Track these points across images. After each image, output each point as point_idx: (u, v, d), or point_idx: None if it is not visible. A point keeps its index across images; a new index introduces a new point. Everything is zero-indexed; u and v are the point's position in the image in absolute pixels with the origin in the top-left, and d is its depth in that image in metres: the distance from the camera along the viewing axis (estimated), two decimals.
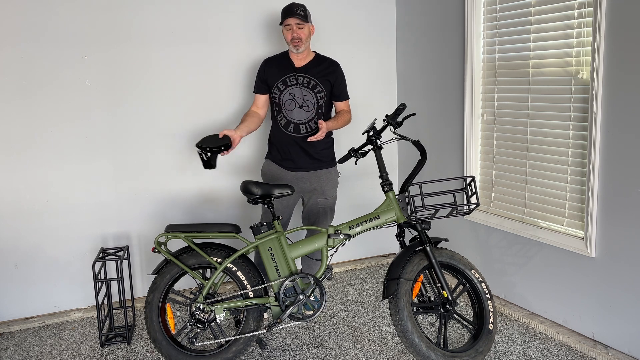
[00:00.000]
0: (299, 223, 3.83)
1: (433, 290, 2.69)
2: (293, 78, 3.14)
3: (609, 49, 2.62)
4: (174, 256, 2.70)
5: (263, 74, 3.20)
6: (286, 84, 3.14)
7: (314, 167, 3.21)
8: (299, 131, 3.16)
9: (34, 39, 3.20)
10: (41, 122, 3.27)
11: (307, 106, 3.13)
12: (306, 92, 3.13)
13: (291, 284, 2.67)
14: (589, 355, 2.80)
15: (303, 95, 3.13)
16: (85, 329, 3.28)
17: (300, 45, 3.07)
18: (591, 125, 2.72)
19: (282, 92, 3.14)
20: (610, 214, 2.70)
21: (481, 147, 3.51)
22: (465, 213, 2.65)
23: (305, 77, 3.14)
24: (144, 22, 3.42)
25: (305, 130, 3.16)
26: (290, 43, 3.08)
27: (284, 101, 3.14)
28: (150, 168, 3.54)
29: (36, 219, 3.32)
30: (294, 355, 2.90)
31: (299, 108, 3.14)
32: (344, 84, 3.27)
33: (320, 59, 3.22)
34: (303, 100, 3.13)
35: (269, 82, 3.17)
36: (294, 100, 3.13)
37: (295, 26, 3.04)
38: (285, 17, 3.04)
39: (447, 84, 3.69)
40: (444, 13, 3.66)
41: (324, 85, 3.15)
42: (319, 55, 3.24)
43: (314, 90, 3.13)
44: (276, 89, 3.15)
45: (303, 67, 3.16)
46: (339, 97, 3.26)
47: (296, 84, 3.13)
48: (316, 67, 3.18)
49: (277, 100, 3.16)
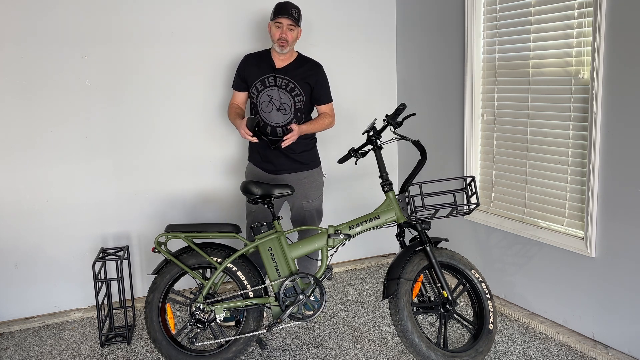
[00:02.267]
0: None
1: (433, 290, 2.69)
2: (272, 79, 3.08)
3: (609, 49, 2.62)
4: (174, 256, 2.70)
5: (242, 71, 3.15)
6: (264, 85, 3.08)
7: (294, 169, 3.16)
8: (276, 134, 3.10)
9: (34, 39, 3.20)
10: (41, 122, 3.27)
11: (284, 109, 3.07)
12: (284, 94, 3.07)
13: (291, 284, 2.67)
14: (589, 355, 2.80)
15: (280, 97, 3.07)
16: (85, 329, 3.28)
17: (286, 46, 3.02)
18: (591, 125, 2.72)
19: (260, 93, 3.09)
20: (610, 214, 2.70)
21: (481, 147, 3.51)
22: (465, 213, 2.65)
23: (284, 79, 3.07)
24: (144, 22, 3.42)
25: (282, 133, 3.09)
26: (277, 42, 3.02)
27: (261, 102, 3.09)
28: (150, 168, 3.54)
29: (36, 219, 3.32)
30: (294, 355, 2.90)
31: (276, 110, 3.08)
32: (325, 86, 3.18)
33: (302, 61, 3.16)
34: (280, 103, 3.06)
35: (248, 80, 3.12)
36: (271, 102, 3.07)
37: (287, 27, 3.00)
38: (278, 15, 2.99)
39: (447, 84, 3.69)
40: (444, 13, 3.66)
41: (303, 88, 3.09)
42: (301, 56, 3.18)
43: (291, 93, 3.07)
44: (254, 89, 3.10)
45: (283, 68, 3.10)
46: (320, 100, 3.18)
47: (274, 86, 3.07)
48: (297, 69, 3.11)
49: (255, 101, 3.11)
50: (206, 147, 3.67)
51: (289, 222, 3.88)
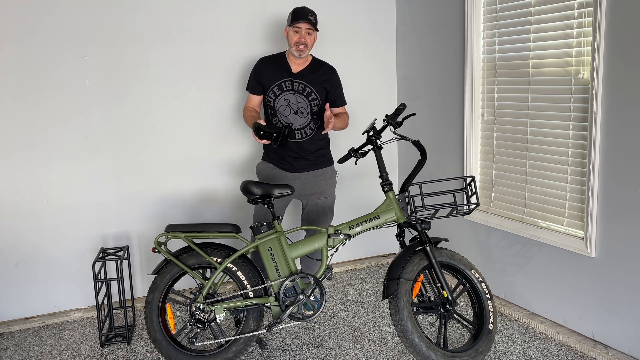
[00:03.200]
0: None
1: (433, 290, 2.69)
2: (289, 83, 3.12)
3: (609, 49, 2.62)
4: (174, 256, 2.70)
5: (258, 74, 3.17)
6: (282, 89, 3.12)
7: (310, 167, 3.21)
8: (294, 137, 3.15)
9: (34, 39, 3.20)
10: (41, 122, 3.27)
11: (301, 112, 3.13)
12: (301, 98, 3.12)
13: (291, 284, 2.67)
14: (589, 355, 2.80)
15: (297, 101, 3.11)
16: (85, 329, 3.28)
17: (305, 51, 3.05)
18: (591, 125, 2.72)
19: (277, 97, 3.12)
20: (610, 214, 2.70)
21: (481, 147, 3.51)
22: (465, 213, 2.65)
23: (301, 84, 3.11)
24: (144, 22, 3.42)
25: (301, 136, 3.15)
26: (294, 46, 3.05)
27: (278, 106, 3.13)
28: (150, 168, 3.54)
29: (36, 219, 3.32)
30: (294, 355, 2.90)
31: (294, 114, 3.13)
32: (340, 90, 3.26)
33: (317, 65, 3.20)
34: (298, 107, 3.11)
35: (265, 84, 3.15)
36: (289, 106, 3.11)
37: (305, 31, 3.02)
38: (297, 20, 3.01)
39: (447, 84, 3.69)
40: (444, 13, 3.66)
41: (319, 92, 3.14)
42: (315, 59, 3.23)
43: (308, 97, 3.12)
44: (271, 93, 3.13)
45: (300, 72, 3.14)
46: (335, 102, 3.25)
47: (291, 90, 3.11)
48: (313, 73, 3.15)
49: (272, 104, 3.15)
50: (206, 147, 3.67)
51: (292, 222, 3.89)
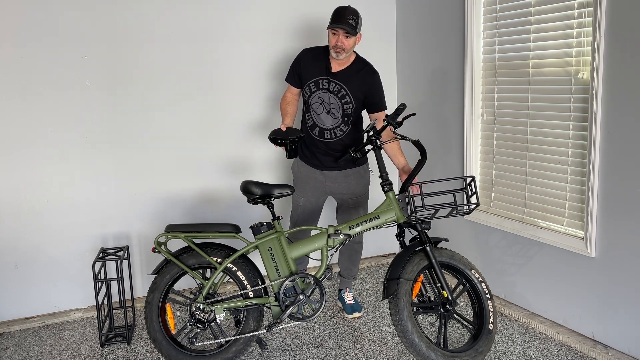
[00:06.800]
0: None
1: (433, 290, 2.69)
2: (325, 82, 3.03)
3: (609, 49, 2.62)
4: (174, 256, 2.70)
5: (298, 66, 3.10)
6: (318, 86, 3.04)
7: (341, 167, 3.13)
8: (323, 136, 3.08)
9: (34, 39, 3.20)
10: (41, 122, 3.27)
11: (333, 113, 3.05)
12: (334, 99, 3.03)
13: (291, 284, 2.67)
14: (589, 355, 2.80)
15: (330, 102, 3.03)
16: (85, 329, 3.28)
17: (342, 53, 2.93)
18: (591, 125, 2.72)
19: (312, 94, 3.06)
20: (610, 213, 2.70)
21: (481, 147, 3.51)
22: (465, 213, 2.65)
23: (337, 85, 3.02)
24: (144, 22, 3.42)
25: (330, 136, 3.07)
26: (332, 49, 2.95)
27: (312, 102, 3.07)
28: (150, 168, 3.54)
29: (36, 219, 3.32)
30: (294, 355, 2.90)
31: (326, 113, 3.05)
32: (378, 95, 3.11)
33: (358, 66, 3.07)
34: (330, 107, 3.04)
35: (302, 77, 3.08)
36: (322, 105, 3.04)
37: (342, 35, 2.90)
38: (334, 23, 2.90)
39: (447, 84, 3.69)
40: (444, 13, 3.66)
41: (355, 97, 3.03)
42: (358, 59, 3.09)
43: (342, 100, 3.02)
44: (307, 88, 3.07)
45: (338, 72, 3.03)
46: (373, 107, 3.11)
47: (327, 89, 3.04)
48: (352, 75, 3.03)
49: (307, 99, 3.10)
50: (206, 147, 3.66)
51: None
